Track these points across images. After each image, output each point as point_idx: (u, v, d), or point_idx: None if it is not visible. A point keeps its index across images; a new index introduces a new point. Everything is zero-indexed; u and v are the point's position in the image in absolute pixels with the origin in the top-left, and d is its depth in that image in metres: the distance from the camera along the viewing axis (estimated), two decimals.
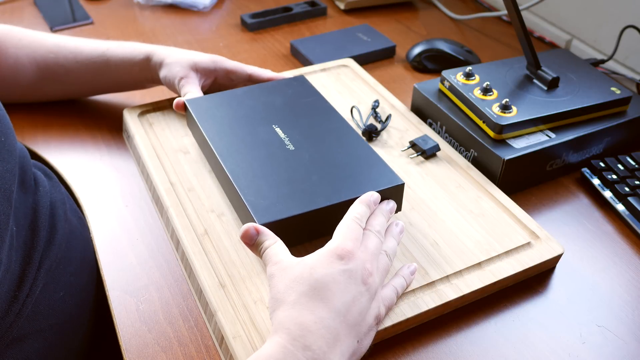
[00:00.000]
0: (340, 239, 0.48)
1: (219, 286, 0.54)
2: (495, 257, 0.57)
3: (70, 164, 0.72)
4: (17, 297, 0.53)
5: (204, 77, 0.74)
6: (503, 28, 1.06)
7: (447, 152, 0.70)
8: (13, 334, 0.52)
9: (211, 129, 0.64)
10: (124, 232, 0.63)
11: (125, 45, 0.75)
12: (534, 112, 0.68)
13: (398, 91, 0.87)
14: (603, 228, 0.65)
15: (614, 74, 0.90)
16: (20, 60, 0.75)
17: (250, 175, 0.58)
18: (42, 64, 0.75)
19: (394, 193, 0.58)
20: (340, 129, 0.65)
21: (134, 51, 0.74)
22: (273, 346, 0.43)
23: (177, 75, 0.71)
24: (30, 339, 0.54)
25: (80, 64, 0.75)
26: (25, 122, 0.78)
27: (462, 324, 0.54)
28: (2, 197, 0.51)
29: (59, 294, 0.58)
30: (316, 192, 0.56)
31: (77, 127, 0.78)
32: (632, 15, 0.87)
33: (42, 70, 0.76)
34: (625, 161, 0.70)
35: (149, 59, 0.73)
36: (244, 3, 1.14)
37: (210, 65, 0.73)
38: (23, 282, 0.54)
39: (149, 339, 0.53)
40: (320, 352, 0.43)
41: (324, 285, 0.45)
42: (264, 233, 0.51)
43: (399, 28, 1.06)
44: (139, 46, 0.75)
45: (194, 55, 0.73)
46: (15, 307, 0.52)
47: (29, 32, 0.78)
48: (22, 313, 0.53)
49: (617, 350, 0.52)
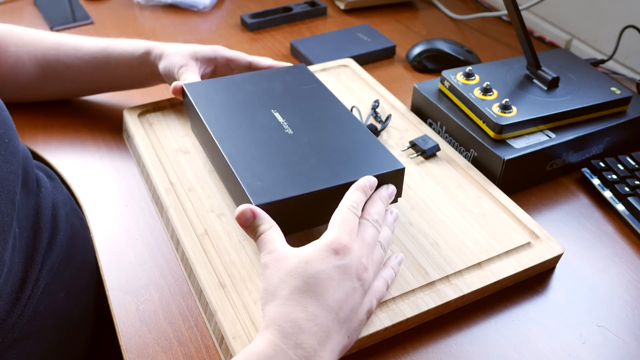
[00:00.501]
0: (336, 232, 0.47)
1: (219, 286, 0.54)
2: (495, 257, 0.57)
3: (70, 164, 0.72)
4: (20, 299, 0.53)
5: (203, 65, 0.73)
6: (503, 28, 1.06)
7: (447, 152, 0.70)
8: (15, 335, 0.52)
9: (208, 112, 0.63)
10: (124, 232, 0.63)
11: (126, 40, 0.76)
12: (534, 112, 0.68)
13: (398, 91, 0.87)
14: (603, 228, 0.65)
15: (614, 74, 0.90)
16: (21, 59, 0.75)
17: (248, 157, 0.57)
18: (43, 61, 0.76)
19: (394, 178, 0.57)
20: (341, 115, 0.64)
21: (135, 46, 0.74)
22: (264, 343, 0.43)
23: (176, 64, 0.71)
24: (32, 339, 0.54)
25: (81, 59, 0.75)
26: (26, 122, 0.79)
27: (462, 324, 0.54)
28: (5, 199, 0.50)
29: (60, 295, 0.58)
30: (314, 174, 0.55)
31: (77, 127, 0.78)
32: (632, 15, 0.87)
33: (43, 68, 0.76)
34: (625, 161, 0.70)
35: (149, 52, 0.73)
36: (244, 3, 1.14)
37: (210, 53, 0.73)
38: (25, 283, 0.54)
39: (149, 339, 0.53)
40: (312, 349, 0.43)
41: (319, 282, 0.45)
42: (260, 217, 0.49)
43: (399, 28, 1.06)
44: (139, 42, 0.75)
45: (194, 45, 0.73)
46: (18, 309, 0.52)
47: (30, 30, 0.78)
48: (24, 314, 0.53)
49: (617, 350, 0.52)
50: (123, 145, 0.75)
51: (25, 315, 0.53)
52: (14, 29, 0.77)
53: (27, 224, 0.57)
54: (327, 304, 0.44)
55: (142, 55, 0.74)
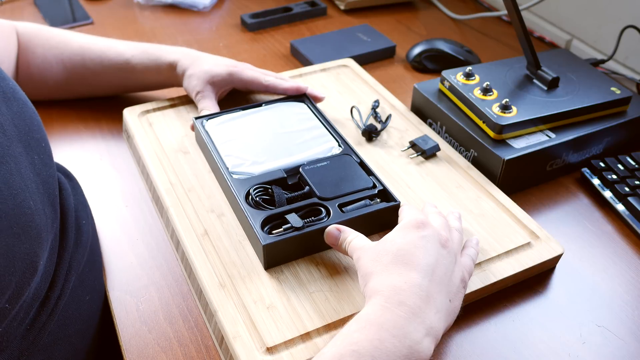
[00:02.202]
0: (409, 215, 0.52)
1: (219, 286, 0.54)
2: (495, 257, 0.57)
3: (70, 164, 0.72)
4: (49, 297, 0.52)
5: (220, 89, 0.76)
6: (503, 28, 1.06)
7: (447, 152, 0.70)
8: (44, 339, 0.51)
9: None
10: (124, 232, 0.63)
11: (150, 52, 0.77)
12: (534, 112, 0.68)
13: (398, 91, 0.87)
14: (603, 228, 0.65)
15: (614, 74, 0.90)
16: (48, 60, 0.77)
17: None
18: (69, 65, 0.78)
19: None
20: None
21: (158, 60, 0.76)
22: (370, 307, 0.45)
23: (193, 90, 0.74)
24: (59, 344, 0.54)
25: (106, 67, 0.77)
26: None
27: (462, 324, 0.54)
28: (48, 202, 0.51)
29: (85, 298, 0.58)
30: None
31: (77, 127, 0.78)
32: (632, 15, 0.87)
33: (69, 72, 0.78)
34: (625, 161, 0.70)
35: (172, 67, 0.76)
36: (244, 3, 1.14)
37: (227, 78, 0.75)
38: (55, 282, 0.53)
39: (149, 339, 0.53)
40: (415, 306, 0.45)
41: (407, 252, 0.48)
42: (345, 230, 0.54)
43: (399, 28, 1.06)
44: (163, 54, 0.77)
45: (212, 67, 0.75)
46: (47, 308, 0.52)
47: (56, 31, 0.80)
48: (53, 315, 0.52)
49: (617, 350, 0.52)
50: (123, 145, 0.75)
51: (54, 317, 0.53)
52: (41, 30, 0.79)
53: (56, 224, 0.57)
54: (420, 268, 0.47)
55: (167, 69, 0.76)
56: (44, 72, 0.77)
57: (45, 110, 0.80)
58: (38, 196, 0.49)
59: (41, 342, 0.51)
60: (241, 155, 0.64)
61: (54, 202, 0.53)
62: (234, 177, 0.61)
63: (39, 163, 0.52)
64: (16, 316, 0.47)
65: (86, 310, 0.58)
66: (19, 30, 0.77)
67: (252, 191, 0.60)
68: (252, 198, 0.59)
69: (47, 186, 0.52)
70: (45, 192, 0.51)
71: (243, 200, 0.58)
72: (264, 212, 0.57)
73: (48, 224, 0.50)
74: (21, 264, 0.45)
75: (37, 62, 0.77)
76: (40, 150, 0.53)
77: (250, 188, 0.60)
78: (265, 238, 0.54)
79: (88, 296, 0.58)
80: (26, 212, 0.46)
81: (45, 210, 0.50)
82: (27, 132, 0.51)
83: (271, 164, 0.63)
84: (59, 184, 0.61)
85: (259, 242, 0.54)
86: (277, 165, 0.63)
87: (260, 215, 0.57)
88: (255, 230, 0.55)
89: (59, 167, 0.66)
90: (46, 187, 0.52)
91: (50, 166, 0.54)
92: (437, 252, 0.48)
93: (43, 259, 0.49)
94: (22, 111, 0.52)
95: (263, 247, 0.53)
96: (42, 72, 0.77)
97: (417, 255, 0.47)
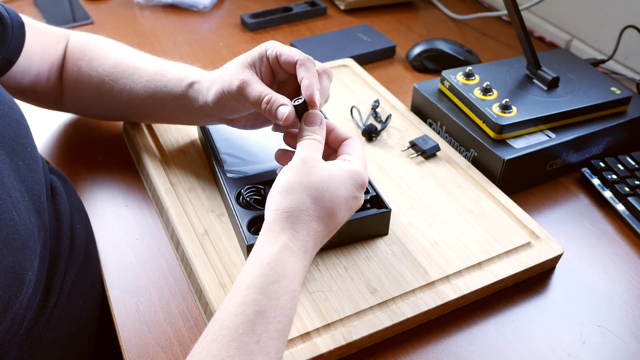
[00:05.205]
0: (361, 166, 0.50)
1: (219, 286, 0.54)
2: (495, 257, 0.57)
3: (70, 164, 0.72)
4: (45, 307, 0.52)
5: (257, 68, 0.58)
6: (503, 28, 1.06)
7: (447, 152, 0.70)
8: (39, 345, 0.51)
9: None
10: (124, 232, 0.63)
11: (172, 72, 0.65)
12: (534, 112, 0.68)
13: (398, 91, 0.87)
14: (603, 228, 0.65)
15: (614, 74, 0.90)
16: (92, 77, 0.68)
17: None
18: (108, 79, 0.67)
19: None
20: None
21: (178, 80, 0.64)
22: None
23: (231, 84, 0.56)
24: (52, 348, 0.53)
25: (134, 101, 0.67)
26: None
27: (462, 324, 0.54)
28: (33, 210, 0.50)
29: (79, 302, 0.57)
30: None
31: (77, 127, 0.78)
32: (632, 15, 0.87)
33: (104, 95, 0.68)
34: (625, 161, 0.70)
35: (192, 84, 0.62)
36: (244, 3, 1.14)
37: (262, 51, 0.58)
38: (50, 291, 0.53)
39: (149, 339, 0.53)
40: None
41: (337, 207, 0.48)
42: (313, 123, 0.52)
43: (399, 28, 1.06)
44: (183, 76, 0.64)
45: (238, 57, 0.60)
46: (44, 318, 0.52)
47: (104, 44, 0.71)
48: (49, 324, 0.52)
49: (617, 350, 0.52)
50: (123, 145, 0.75)
51: (50, 325, 0.53)
52: (89, 41, 0.71)
53: (50, 231, 0.56)
54: (333, 225, 0.48)
55: (185, 87, 0.63)
56: (79, 87, 0.69)
57: (44, 110, 0.80)
58: (23, 204, 0.48)
59: (36, 348, 0.51)
60: (238, 155, 0.65)
61: (40, 208, 0.52)
62: (229, 175, 0.62)
63: (24, 169, 0.51)
64: (10, 328, 0.47)
65: (79, 315, 0.57)
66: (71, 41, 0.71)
67: (243, 191, 0.60)
68: (244, 198, 0.59)
69: (33, 193, 0.51)
70: (30, 200, 0.50)
71: (233, 200, 0.58)
72: (252, 212, 0.57)
73: (34, 233, 0.49)
74: (5, 278, 0.44)
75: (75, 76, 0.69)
76: (25, 155, 0.52)
77: (242, 188, 0.60)
78: (250, 238, 0.54)
79: (81, 300, 0.58)
80: (9, 223, 0.45)
81: (31, 218, 0.49)
82: (11, 138, 0.50)
83: (266, 165, 0.63)
84: (54, 188, 0.60)
85: (244, 243, 0.54)
86: (271, 166, 0.63)
87: (249, 215, 0.57)
88: (242, 230, 0.55)
89: (53, 170, 0.65)
90: (32, 194, 0.51)
91: (36, 171, 0.53)
92: (348, 215, 0.49)
93: (33, 269, 0.48)
94: (7, 115, 0.51)
95: (247, 247, 0.54)
96: (77, 85, 0.69)
97: (341, 215, 0.48)
